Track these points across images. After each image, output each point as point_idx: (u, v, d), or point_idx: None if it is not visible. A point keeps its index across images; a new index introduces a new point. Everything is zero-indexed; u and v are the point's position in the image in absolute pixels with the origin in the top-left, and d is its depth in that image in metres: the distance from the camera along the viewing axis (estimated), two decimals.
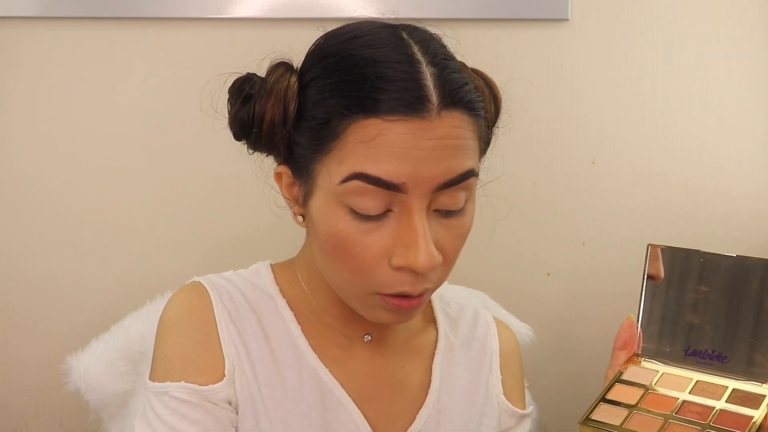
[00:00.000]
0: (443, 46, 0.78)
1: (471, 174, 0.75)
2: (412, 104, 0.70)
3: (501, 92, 0.84)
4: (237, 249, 1.27)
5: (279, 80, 0.76)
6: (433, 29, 0.80)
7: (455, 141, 0.72)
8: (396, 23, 0.78)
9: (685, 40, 1.33)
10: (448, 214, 0.75)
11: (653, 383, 0.80)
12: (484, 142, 0.79)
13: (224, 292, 0.85)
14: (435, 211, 0.74)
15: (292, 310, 0.85)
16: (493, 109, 0.82)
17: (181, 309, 0.83)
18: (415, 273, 0.73)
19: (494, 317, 0.98)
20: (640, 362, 0.83)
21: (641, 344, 0.83)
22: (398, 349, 0.88)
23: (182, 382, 0.79)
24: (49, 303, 1.26)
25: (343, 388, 0.83)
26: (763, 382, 0.76)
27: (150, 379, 0.81)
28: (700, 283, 0.81)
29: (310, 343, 0.84)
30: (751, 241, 1.35)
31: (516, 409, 0.92)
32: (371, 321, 0.80)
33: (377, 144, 0.70)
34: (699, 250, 0.82)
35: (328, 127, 0.72)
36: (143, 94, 1.25)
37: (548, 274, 1.35)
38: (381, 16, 1.23)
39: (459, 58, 0.83)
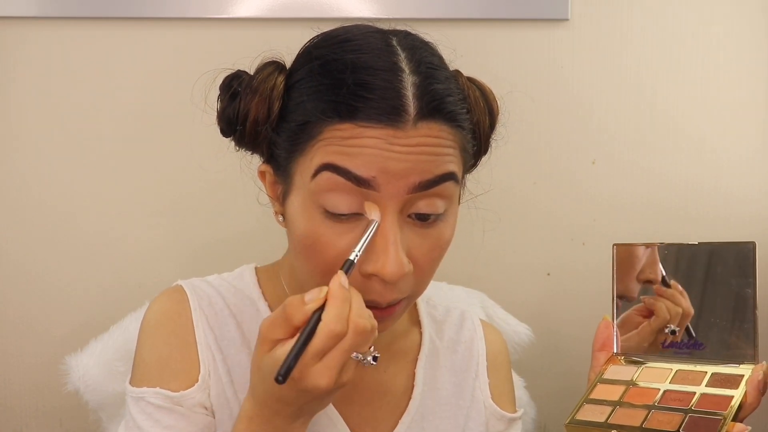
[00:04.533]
0: (434, 55, 0.76)
1: (450, 177, 0.72)
2: (388, 113, 0.69)
3: (500, 103, 0.82)
4: (237, 249, 1.27)
5: (266, 79, 0.76)
6: (432, 35, 0.79)
7: (431, 149, 0.71)
8: (389, 29, 0.77)
9: (685, 39, 1.32)
10: (424, 222, 0.73)
11: (634, 378, 0.80)
12: (469, 154, 0.78)
13: (204, 296, 0.85)
14: (410, 217, 0.72)
15: None
16: (487, 121, 0.80)
17: (160, 313, 0.84)
18: (384, 281, 0.71)
19: (481, 320, 0.98)
20: (620, 361, 0.84)
21: (620, 343, 0.85)
22: (382, 352, 0.85)
23: (157, 388, 0.79)
24: (48, 303, 1.26)
25: None
26: (740, 363, 0.77)
27: (130, 383, 0.82)
28: (668, 275, 0.83)
29: None
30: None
31: (504, 412, 0.91)
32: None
33: (349, 144, 0.69)
34: (662, 243, 0.84)
35: (305, 129, 0.72)
36: (143, 94, 1.25)
37: (548, 274, 1.35)
38: (380, 16, 1.24)
39: (459, 59, 0.83)
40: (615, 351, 0.85)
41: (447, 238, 0.76)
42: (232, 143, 0.81)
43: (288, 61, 0.79)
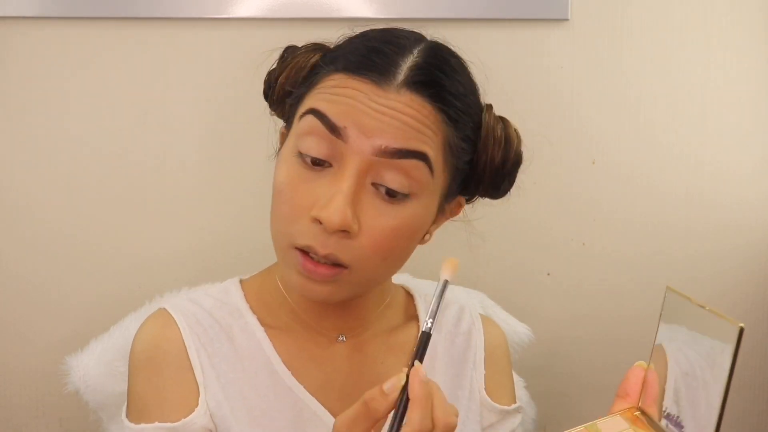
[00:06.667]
0: (459, 66, 0.81)
1: (420, 156, 0.75)
2: (378, 72, 0.75)
3: (522, 150, 0.86)
4: (235, 250, 1.27)
5: (305, 53, 0.83)
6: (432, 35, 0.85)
7: (407, 118, 0.74)
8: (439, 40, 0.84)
9: (686, 40, 1.32)
10: (391, 198, 0.75)
11: None
12: (454, 155, 0.79)
13: (191, 316, 0.84)
14: (377, 187, 0.75)
15: (262, 326, 0.85)
16: (499, 155, 0.83)
17: (150, 344, 0.83)
18: (323, 229, 0.73)
19: (481, 314, 0.98)
20: (633, 415, 0.70)
21: (649, 396, 0.69)
22: (378, 345, 0.88)
23: (156, 423, 0.78)
24: (48, 304, 1.26)
25: (319, 401, 0.82)
26: None
27: (126, 416, 0.82)
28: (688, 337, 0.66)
29: (283, 360, 0.84)
30: (752, 243, 1.35)
31: (496, 405, 0.91)
32: (291, 290, 0.83)
33: (334, 92, 0.76)
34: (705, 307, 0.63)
35: (309, 82, 0.80)
36: (143, 94, 1.25)
37: (548, 275, 1.35)
38: (381, 16, 1.24)
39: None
40: (639, 405, 0.70)
41: (408, 223, 0.77)
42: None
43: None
